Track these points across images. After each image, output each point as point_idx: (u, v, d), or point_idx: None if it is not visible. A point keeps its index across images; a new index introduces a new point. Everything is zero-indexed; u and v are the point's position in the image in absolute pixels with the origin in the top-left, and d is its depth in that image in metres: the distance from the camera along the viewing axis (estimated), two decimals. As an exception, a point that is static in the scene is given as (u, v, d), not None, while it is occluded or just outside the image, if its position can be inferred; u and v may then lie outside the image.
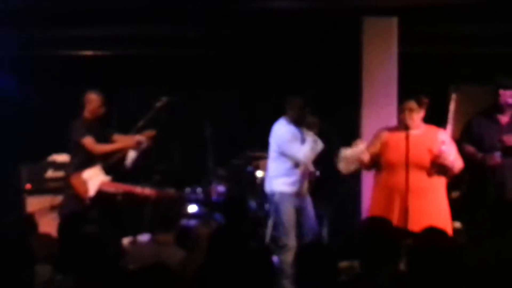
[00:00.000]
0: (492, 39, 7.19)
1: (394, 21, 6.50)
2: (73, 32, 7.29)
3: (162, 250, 4.27)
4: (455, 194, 5.86)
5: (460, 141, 5.60)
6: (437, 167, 5.13)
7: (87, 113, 6.45)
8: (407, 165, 5.04)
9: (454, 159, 5.18)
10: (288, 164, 6.00)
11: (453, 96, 6.16)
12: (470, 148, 5.65)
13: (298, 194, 6.04)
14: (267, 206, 6.30)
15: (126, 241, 5.51)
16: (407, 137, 5.05)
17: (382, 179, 5.30)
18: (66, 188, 6.42)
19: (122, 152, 6.45)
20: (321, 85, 7.81)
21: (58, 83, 7.94)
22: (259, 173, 6.86)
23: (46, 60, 7.73)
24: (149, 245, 4.55)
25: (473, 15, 6.46)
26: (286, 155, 5.98)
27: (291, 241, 5.89)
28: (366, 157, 5.26)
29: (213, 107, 7.74)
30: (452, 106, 6.23)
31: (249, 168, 6.83)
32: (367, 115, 6.46)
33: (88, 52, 7.83)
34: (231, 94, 8.05)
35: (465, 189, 5.70)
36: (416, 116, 5.20)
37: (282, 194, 5.98)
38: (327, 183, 6.98)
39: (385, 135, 5.34)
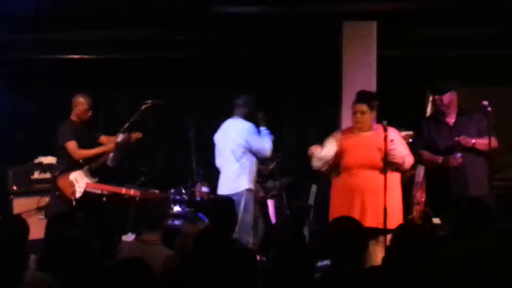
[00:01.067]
0: (468, 41, 7.34)
1: (373, 25, 6.63)
2: (60, 36, 7.37)
3: (149, 250, 4.31)
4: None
5: (415, 148, 5.64)
6: (388, 164, 5.22)
7: (73, 116, 6.51)
8: (385, 165, 5.15)
9: (404, 155, 5.30)
10: (253, 159, 6.11)
11: (431, 99, 6.28)
12: (426, 154, 5.69)
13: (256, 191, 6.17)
14: None
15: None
16: (385, 138, 5.14)
17: (340, 181, 5.40)
18: (53, 189, 6.48)
19: (106, 154, 6.52)
20: (302, 87, 7.91)
21: (45, 86, 7.99)
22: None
23: (34, 63, 7.78)
24: (135, 244, 4.59)
25: (450, 19, 6.62)
26: (252, 150, 6.06)
27: (252, 237, 5.98)
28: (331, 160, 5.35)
29: (196, 109, 7.78)
30: (429, 108, 6.36)
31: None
32: (347, 116, 6.53)
33: (75, 56, 7.91)
34: (215, 96, 8.09)
35: (428, 190, 5.79)
36: (367, 118, 5.32)
37: (250, 192, 6.05)
38: (307, 182, 7.09)
39: (340, 138, 5.44)
